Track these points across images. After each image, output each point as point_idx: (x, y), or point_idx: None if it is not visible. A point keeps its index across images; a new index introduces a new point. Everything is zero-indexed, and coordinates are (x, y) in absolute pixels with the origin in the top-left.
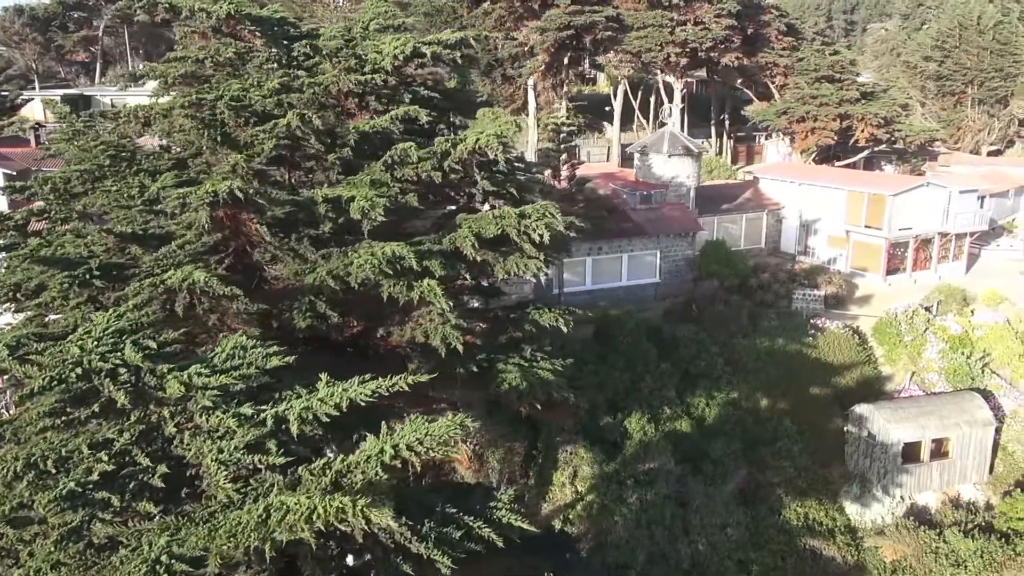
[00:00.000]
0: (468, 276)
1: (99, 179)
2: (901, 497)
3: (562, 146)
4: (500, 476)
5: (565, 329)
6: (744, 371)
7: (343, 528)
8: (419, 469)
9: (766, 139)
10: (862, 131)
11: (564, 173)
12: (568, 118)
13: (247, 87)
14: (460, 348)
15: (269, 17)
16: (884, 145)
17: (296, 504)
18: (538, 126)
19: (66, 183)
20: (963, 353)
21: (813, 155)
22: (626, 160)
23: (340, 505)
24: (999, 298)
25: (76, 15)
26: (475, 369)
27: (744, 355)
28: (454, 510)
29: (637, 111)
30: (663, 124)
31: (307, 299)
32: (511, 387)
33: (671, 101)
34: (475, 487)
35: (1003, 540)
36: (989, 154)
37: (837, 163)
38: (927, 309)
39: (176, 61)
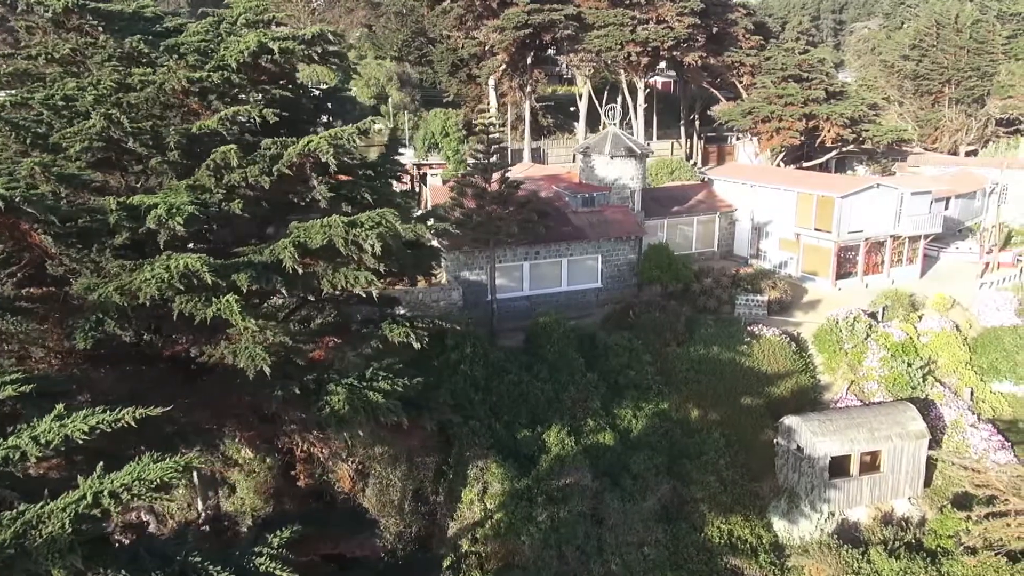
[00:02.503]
0: (286, 290)
1: None
2: (830, 513)
3: (491, 148)
4: (402, 494)
5: (417, 345)
6: (676, 381)
7: None
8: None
9: (737, 140)
10: (828, 131)
11: (495, 176)
12: (497, 119)
13: (84, 86)
14: (267, 370)
15: (119, 11)
16: (852, 146)
17: None
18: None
19: None
20: (904, 361)
21: (781, 156)
22: None
23: None
24: (949, 303)
25: None
26: (297, 391)
27: (677, 364)
28: (199, 559)
29: (602, 112)
30: (609, 125)
31: (94, 316)
32: (332, 411)
33: (635, 101)
34: (266, 523)
35: (929, 559)
36: (967, 154)
37: (806, 164)
38: (872, 315)
39: (4, 58)
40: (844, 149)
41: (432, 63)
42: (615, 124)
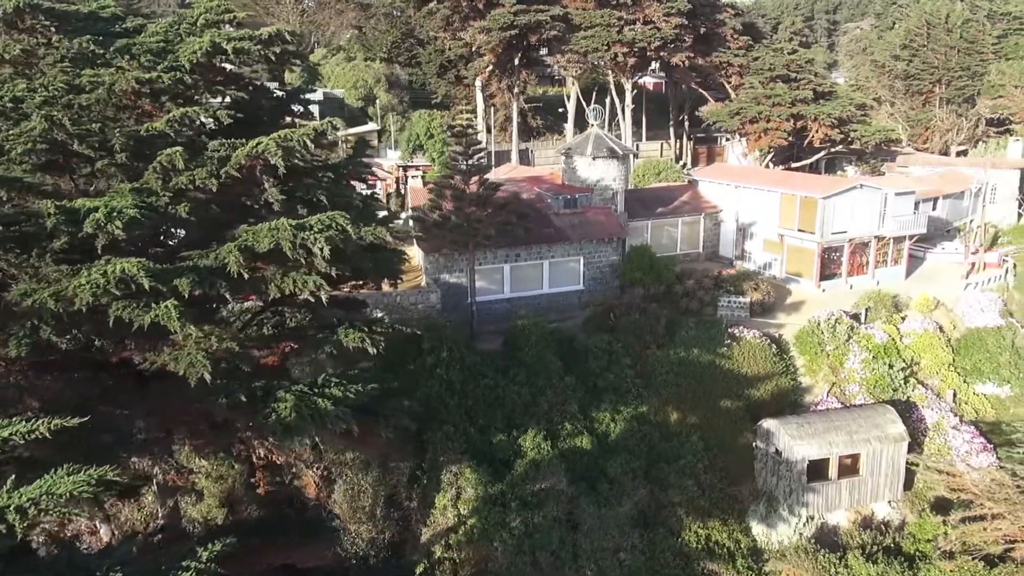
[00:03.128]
0: (229, 294)
1: None
2: (809, 517)
3: (470, 149)
4: (374, 500)
5: (372, 350)
6: (656, 384)
7: None
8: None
9: (727, 141)
10: (816, 132)
11: (473, 177)
12: (476, 120)
13: (35, 87)
14: (208, 377)
15: (75, 12)
16: (841, 146)
17: None
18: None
19: None
20: (886, 363)
21: (770, 156)
22: None
23: None
24: (933, 304)
25: None
26: (243, 398)
27: (657, 367)
28: (119, 573)
29: (589, 112)
30: (592, 125)
31: (29, 323)
32: (278, 419)
33: (623, 102)
34: (211, 533)
35: (907, 564)
36: (958, 154)
37: (794, 164)
38: (855, 316)
39: None
40: (833, 149)
41: (421, 65)
42: (598, 125)
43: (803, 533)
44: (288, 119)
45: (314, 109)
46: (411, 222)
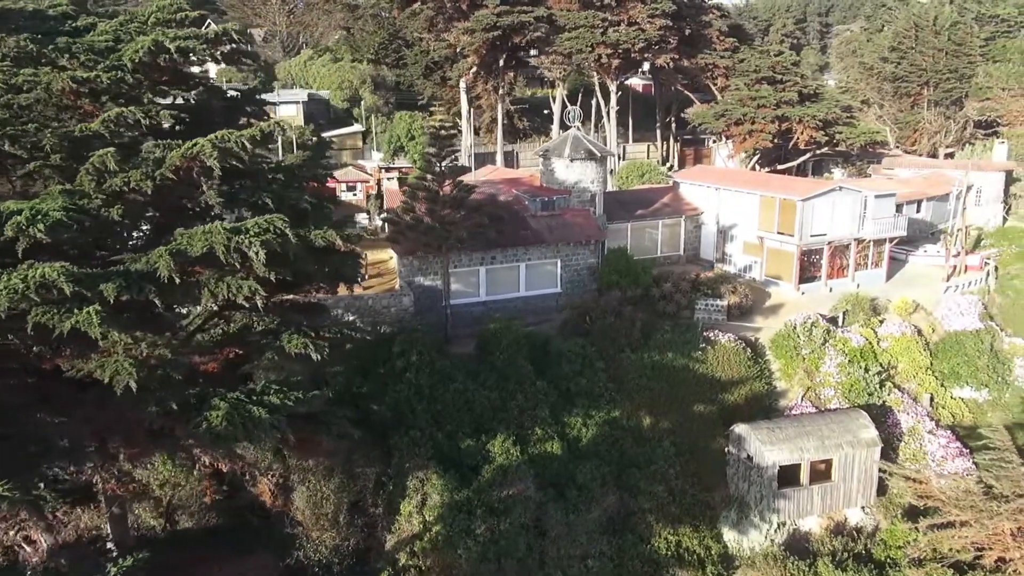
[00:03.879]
0: (159, 300)
1: None
2: (780, 523)
3: (444, 151)
4: (337, 507)
5: (316, 357)
6: (629, 388)
7: None
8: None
9: (714, 143)
10: (801, 134)
11: (447, 179)
12: (447, 121)
13: None
14: (133, 385)
15: (19, 9)
16: (826, 148)
17: None
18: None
19: None
20: (862, 367)
21: (756, 158)
22: None
23: None
24: (912, 307)
25: None
26: (175, 406)
27: (631, 371)
28: None
29: (567, 114)
30: (568, 127)
31: None
32: (209, 427)
33: (608, 104)
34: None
35: (877, 571)
36: (946, 156)
37: (780, 167)
38: (832, 320)
39: None
40: (818, 152)
41: (407, 66)
42: (577, 127)
43: (774, 539)
44: (245, 120)
45: (294, 110)
46: (384, 224)
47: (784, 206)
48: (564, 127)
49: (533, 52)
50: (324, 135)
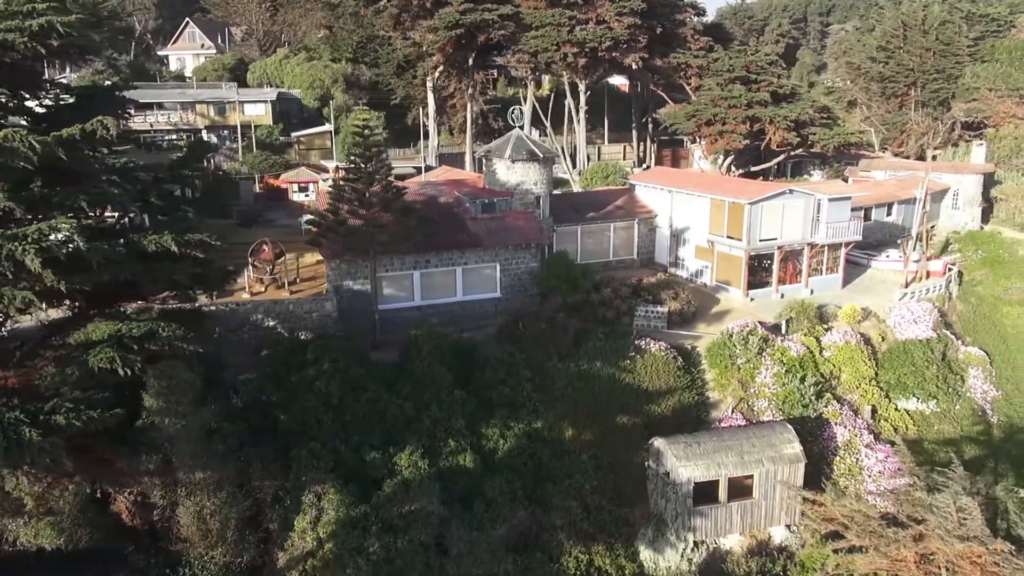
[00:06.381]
0: None
1: None
2: (698, 542)
3: (372, 151)
4: (224, 523)
5: (123, 372)
6: (555, 397)
7: None
8: None
9: (692, 143)
10: (774, 134)
11: (375, 179)
12: (372, 120)
13: None
14: None
15: None
16: (801, 149)
17: None
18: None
19: None
20: (798, 377)
21: (730, 159)
22: None
23: None
24: (860, 315)
25: None
26: None
27: (557, 379)
28: None
29: (544, 116)
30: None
31: None
32: None
33: (577, 103)
34: None
35: None
36: (933, 157)
37: (754, 168)
38: (775, 328)
39: None
40: (793, 153)
41: (380, 64)
42: (520, 126)
43: (692, 559)
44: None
45: (263, 109)
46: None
47: (733, 209)
48: (537, 127)
49: (505, 52)
50: (293, 134)
